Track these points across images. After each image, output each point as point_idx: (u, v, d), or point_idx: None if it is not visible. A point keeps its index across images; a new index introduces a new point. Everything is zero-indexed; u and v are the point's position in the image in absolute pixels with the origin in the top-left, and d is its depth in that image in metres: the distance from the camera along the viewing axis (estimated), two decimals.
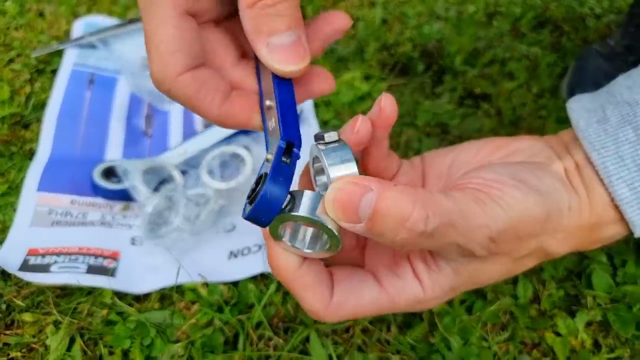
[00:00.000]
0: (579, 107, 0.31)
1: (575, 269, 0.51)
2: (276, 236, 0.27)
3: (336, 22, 0.30)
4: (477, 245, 0.25)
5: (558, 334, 0.46)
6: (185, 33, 0.27)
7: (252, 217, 0.25)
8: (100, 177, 0.54)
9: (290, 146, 0.26)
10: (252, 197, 0.25)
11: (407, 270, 0.28)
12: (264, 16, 0.26)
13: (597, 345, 0.46)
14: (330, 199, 0.24)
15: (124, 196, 0.53)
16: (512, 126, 0.65)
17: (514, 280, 0.49)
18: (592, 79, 0.69)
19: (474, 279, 0.28)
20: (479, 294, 0.47)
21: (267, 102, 0.29)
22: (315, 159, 0.30)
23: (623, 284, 0.49)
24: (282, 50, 0.27)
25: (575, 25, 0.85)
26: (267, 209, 0.24)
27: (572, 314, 0.47)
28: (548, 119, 0.66)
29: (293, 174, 0.26)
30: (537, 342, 0.46)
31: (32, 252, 0.46)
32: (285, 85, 0.29)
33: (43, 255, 0.46)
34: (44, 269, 0.45)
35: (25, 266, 0.45)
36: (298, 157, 0.27)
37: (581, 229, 0.29)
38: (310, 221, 0.25)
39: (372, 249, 0.32)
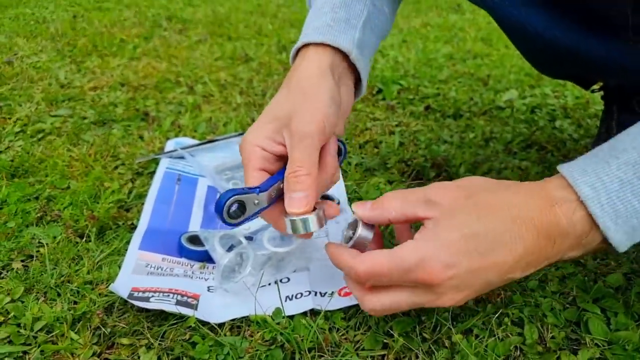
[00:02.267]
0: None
1: (573, 319, 0.57)
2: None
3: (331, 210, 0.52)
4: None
5: None
6: (259, 181, 0.49)
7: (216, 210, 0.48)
8: (187, 242, 0.65)
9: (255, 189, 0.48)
10: None
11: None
12: (291, 181, 0.47)
13: None
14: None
15: (203, 257, 0.64)
16: None
17: (521, 324, 0.55)
18: None
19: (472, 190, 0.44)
20: (490, 330, 0.54)
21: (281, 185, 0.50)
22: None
23: (616, 330, 0.55)
24: (294, 201, 0.47)
25: (557, 146, 0.99)
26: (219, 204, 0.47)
27: (575, 353, 0.52)
28: None
29: (242, 193, 0.47)
30: None
31: (135, 289, 0.56)
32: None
33: (144, 292, 0.56)
34: (145, 300, 0.54)
35: (130, 297, 0.54)
36: (255, 191, 0.48)
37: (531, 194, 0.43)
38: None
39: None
